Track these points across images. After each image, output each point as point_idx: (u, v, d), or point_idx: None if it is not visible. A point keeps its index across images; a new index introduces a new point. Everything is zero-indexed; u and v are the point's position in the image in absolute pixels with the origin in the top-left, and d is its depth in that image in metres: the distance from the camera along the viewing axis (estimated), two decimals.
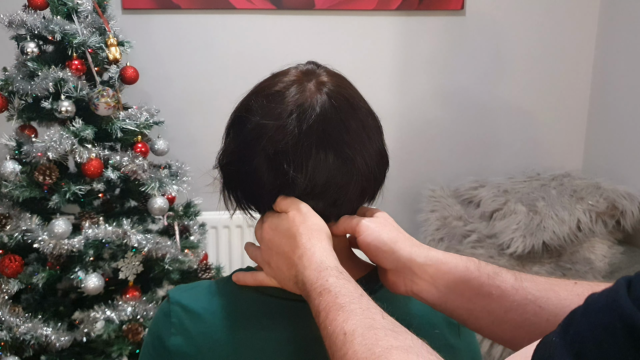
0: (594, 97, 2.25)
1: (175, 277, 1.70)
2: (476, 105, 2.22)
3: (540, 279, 0.62)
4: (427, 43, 2.15)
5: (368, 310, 0.54)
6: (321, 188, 0.66)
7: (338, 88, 0.68)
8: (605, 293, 0.39)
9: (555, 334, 0.40)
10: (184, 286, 0.75)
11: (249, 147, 0.67)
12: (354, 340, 0.51)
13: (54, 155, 1.47)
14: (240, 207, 0.73)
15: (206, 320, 0.69)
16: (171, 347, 0.69)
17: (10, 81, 1.52)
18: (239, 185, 0.71)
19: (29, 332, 1.49)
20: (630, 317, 0.35)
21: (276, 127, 0.65)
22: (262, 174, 0.67)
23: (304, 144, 0.64)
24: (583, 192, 1.93)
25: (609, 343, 0.36)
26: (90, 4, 1.57)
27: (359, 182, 0.68)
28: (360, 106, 0.69)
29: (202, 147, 2.07)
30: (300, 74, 0.69)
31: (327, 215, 0.69)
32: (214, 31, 2.05)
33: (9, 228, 1.53)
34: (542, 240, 1.82)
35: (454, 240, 1.95)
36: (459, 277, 0.64)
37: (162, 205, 1.60)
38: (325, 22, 2.08)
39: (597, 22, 2.19)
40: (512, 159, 2.26)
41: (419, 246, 0.67)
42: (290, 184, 0.66)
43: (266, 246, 0.68)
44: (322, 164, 0.65)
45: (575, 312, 0.40)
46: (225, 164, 0.72)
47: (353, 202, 0.70)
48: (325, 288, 0.58)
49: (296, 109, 0.65)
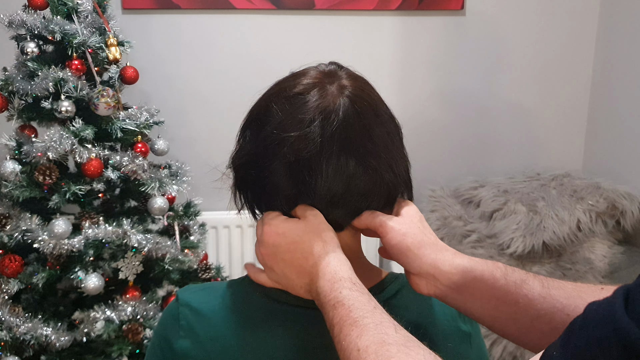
0: (594, 97, 2.24)
1: (175, 277, 1.70)
2: (476, 105, 2.22)
3: (567, 285, 0.61)
4: (427, 43, 2.15)
5: (381, 324, 0.54)
6: (341, 196, 0.64)
7: (360, 92, 0.66)
8: (604, 305, 0.39)
9: (556, 348, 0.40)
10: (193, 287, 0.74)
11: (268, 151, 0.65)
12: (368, 358, 0.51)
13: (54, 155, 1.47)
14: (247, 207, 0.72)
15: (215, 324, 0.68)
16: (178, 350, 0.68)
17: (10, 81, 1.52)
18: (250, 187, 0.70)
19: (29, 332, 1.49)
20: (625, 331, 0.35)
21: (298, 135, 0.63)
22: (280, 179, 0.65)
23: (326, 151, 0.62)
24: (583, 192, 1.93)
25: (604, 357, 0.35)
26: (90, 4, 1.57)
27: (384, 190, 0.66)
28: (383, 112, 0.68)
29: (202, 146, 2.07)
30: (322, 75, 0.67)
31: (347, 223, 0.68)
32: (214, 31, 2.05)
33: (9, 228, 1.53)
34: (542, 240, 1.82)
35: (454, 240, 1.95)
36: (485, 286, 0.62)
37: (162, 205, 1.60)
38: (325, 22, 2.08)
39: (597, 22, 2.19)
40: (512, 159, 2.26)
41: (443, 251, 0.66)
42: (309, 192, 0.64)
43: (270, 251, 0.66)
44: (341, 170, 0.63)
45: (574, 324, 0.40)
46: (240, 165, 0.70)
47: (381, 209, 0.68)
48: (338, 301, 0.57)
49: (319, 115, 0.63)
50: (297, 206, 0.66)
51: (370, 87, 0.69)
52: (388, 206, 0.69)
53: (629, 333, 0.35)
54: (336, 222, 0.67)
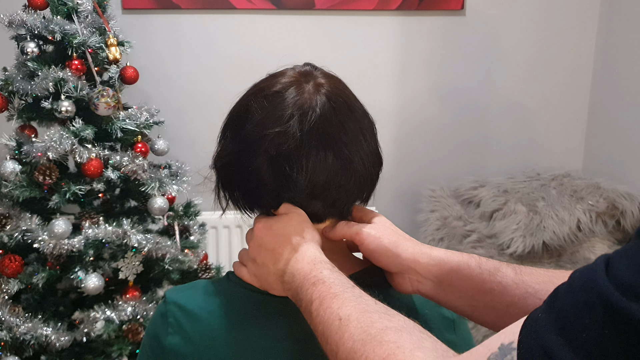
0: (594, 97, 2.25)
1: (175, 277, 1.70)
2: (476, 105, 2.22)
3: (539, 271, 0.64)
4: (427, 43, 2.15)
5: (361, 297, 0.57)
6: (321, 188, 0.67)
7: (336, 90, 0.69)
8: (586, 272, 0.41)
9: (541, 310, 0.41)
10: (180, 287, 0.77)
11: (250, 148, 0.67)
12: (350, 324, 0.53)
13: (54, 155, 1.47)
14: (237, 207, 0.74)
15: (203, 319, 0.70)
16: (168, 346, 0.69)
17: (10, 81, 1.52)
18: (237, 186, 0.72)
19: (29, 332, 1.49)
20: (606, 295, 0.37)
21: (278, 131, 0.65)
22: (263, 175, 0.67)
23: (305, 145, 0.65)
24: (583, 192, 1.93)
25: (590, 318, 0.38)
26: (90, 4, 1.57)
27: (357, 182, 0.69)
28: (357, 108, 0.71)
29: (202, 147, 2.05)
30: (298, 75, 0.70)
31: (325, 215, 0.71)
32: (214, 31, 2.05)
33: (9, 228, 1.53)
34: (542, 240, 1.82)
35: (454, 240, 1.95)
36: (461, 276, 0.65)
37: (162, 205, 1.60)
38: (325, 22, 2.08)
39: (597, 22, 2.19)
40: (512, 159, 2.26)
41: (420, 246, 0.69)
42: (291, 185, 0.67)
43: (256, 243, 0.69)
44: (321, 164, 0.66)
45: (559, 289, 0.42)
46: (223, 165, 0.72)
47: (350, 203, 0.72)
48: (319, 279, 0.60)
49: (297, 111, 0.66)
50: (281, 203, 0.69)
51: (344, 85, 0.73)
52: (360, 197, 0.72)
53: (610, 297, 0.37)
54: (316, 215, 0.70)
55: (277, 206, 0.70)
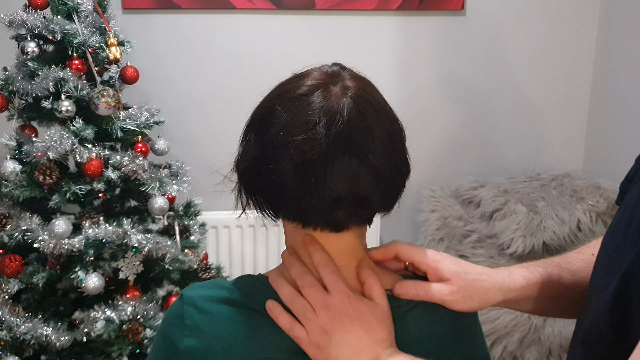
0: (594, 97, 2.24)
1: (176, 277, 1.70)
2: (476, 105, 2.22)
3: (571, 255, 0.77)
4: (427, 43, 2.14)
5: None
6: (344, 197, 0.64)
7: (364, 93, 0.66)
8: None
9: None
10: (198, 285, 0.73)
11: (274, 153, 0.65)
12: None
13: (54, 155, 1.47)
14: (260, 210, 0.71)
15: (221, 322, 0.68)
16: (183, 349, 0.68)
17: (10, 81, 1.52)
18: (260, 190, 0.69)
19: (29, 332, 1.49)
20: None
21: (304, 137, 0.63)
22: (287, 181, 0.64)
23: (330, 152, 0.63)
24: (583, 192, 1.93)
25: None
26: (91, 3, 1.57)
27: (381, 192, 0.66)
28: (386, 113, 0.68)
29: (202, 146, 2.07)
30: (325, 76, 0.67)
31: (347, 224, 0.68)
32: (214, 31, 2.05)
33: (9, 228, 1.53)
34: (542, 240, 1.82)
35: (454, 240, 1.95)
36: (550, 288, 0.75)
37: (162, 205, 1.60)
38: (326, 22, 2.08)
39: (597, 21, 2.19)
40: (512, 159, 2.26)
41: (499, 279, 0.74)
42: (314, 192, 0.64)
43: (337, 319, 0.65)
44: (346, 172, 0.63)
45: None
46: (246, 168, 0.69)
47: (374, 212, 0.69)
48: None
49: (323, 116, 0.63)
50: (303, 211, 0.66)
51: (374, 87, 0.69)
52: (384, 207, 0.70)
53: None
54: (337, 223, 0.67)
55: (299, 215, 0.67)
